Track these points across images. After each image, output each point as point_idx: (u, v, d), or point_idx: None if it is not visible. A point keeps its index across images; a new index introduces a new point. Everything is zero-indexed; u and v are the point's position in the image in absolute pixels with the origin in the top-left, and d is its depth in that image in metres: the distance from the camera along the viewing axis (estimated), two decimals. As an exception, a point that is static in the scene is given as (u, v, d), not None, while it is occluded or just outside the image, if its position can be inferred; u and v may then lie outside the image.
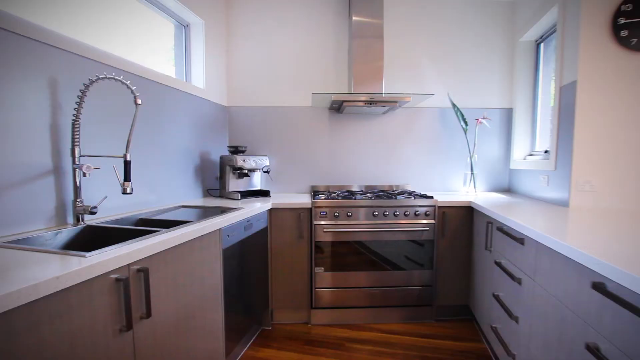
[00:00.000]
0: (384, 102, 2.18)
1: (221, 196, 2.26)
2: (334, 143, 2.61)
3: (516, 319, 1.40)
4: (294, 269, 2.08)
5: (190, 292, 1.24)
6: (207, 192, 2.29)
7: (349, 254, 2.07)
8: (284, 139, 2.60)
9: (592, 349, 0.85)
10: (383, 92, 2.33)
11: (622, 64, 1.70)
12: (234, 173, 2.19)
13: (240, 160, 2.11)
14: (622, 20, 1.65)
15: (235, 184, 2.21)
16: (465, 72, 2.58)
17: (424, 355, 1.79)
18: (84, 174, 1.14)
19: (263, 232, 1.96)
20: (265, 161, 2.28)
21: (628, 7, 1.63)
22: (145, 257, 0.98)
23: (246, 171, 2.17)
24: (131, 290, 0.92)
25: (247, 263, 1.76)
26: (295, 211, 2.04)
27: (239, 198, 2.12)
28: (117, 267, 0.87)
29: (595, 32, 1.71)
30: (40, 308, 0.67)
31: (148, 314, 0.98)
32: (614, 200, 1.77)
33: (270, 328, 2.07)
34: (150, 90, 1.70)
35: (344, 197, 2.11)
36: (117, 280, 0.88)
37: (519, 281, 1.39)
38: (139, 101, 1.25)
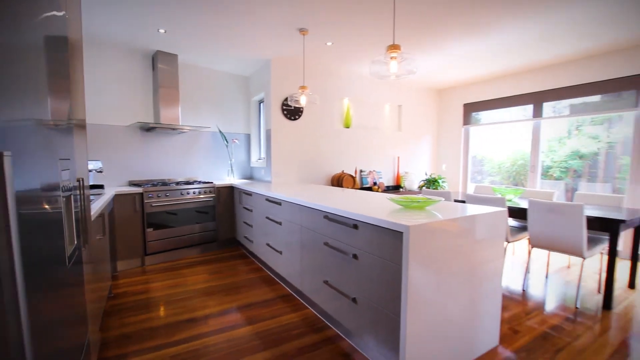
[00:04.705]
0: (180, 129, 3.78)
1: (61, 191, 3.02)
2: (146, 151, 3.87)
3: (251, 226, 3.52)
4: (132, 232, 3.29)
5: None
6: (48, 189, 2.97)
7: (167, 218, 3.54)
8: (109, 147, 3.57)
9: (326, 244, 3.03)
10: (180, 123, 3.90)
11: (285, 124, 4.24)
12: (74, 173, 3.04)
13: (82, 164, 3.03)
14: (284, 107, 4.18)
15: (75, 181, 3.07)
16: (227, 113, 4.58)
17: (212, 260, 3.63)
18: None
19: (112, 210, 3.07)
20: (100, 164, 3.26)
21: (286, 102, 4.17)
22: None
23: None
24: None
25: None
26: (132, 195, 3.26)
27: (84, 190, 3.04)
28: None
29: (277, 108, 4.16)
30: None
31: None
32: (287, 178, 4.32)
33: (117, 273, 3.19)
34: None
35: (161, 185, 3.54)
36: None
37: (251, 210, 3.51)
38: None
